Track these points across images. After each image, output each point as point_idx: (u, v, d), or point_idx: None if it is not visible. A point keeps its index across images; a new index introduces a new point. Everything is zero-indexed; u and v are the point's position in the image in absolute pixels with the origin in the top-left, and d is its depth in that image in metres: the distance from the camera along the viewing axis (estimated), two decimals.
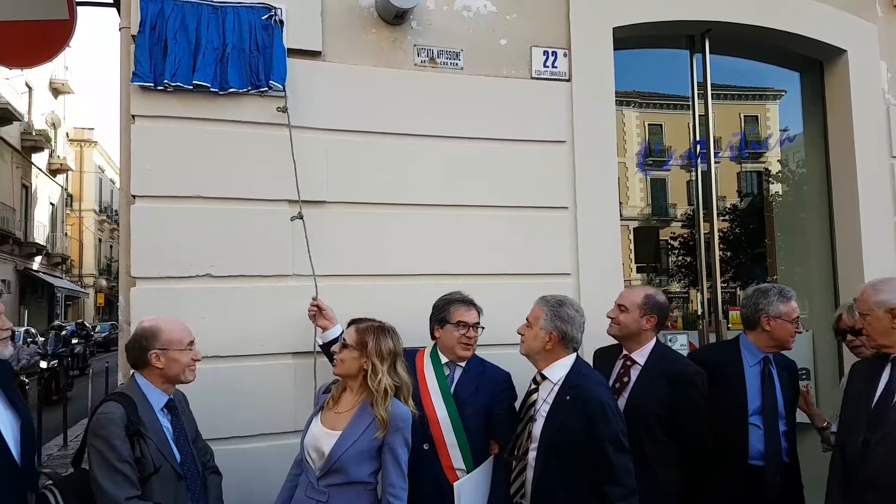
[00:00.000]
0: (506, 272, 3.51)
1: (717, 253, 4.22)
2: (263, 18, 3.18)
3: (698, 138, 4.31)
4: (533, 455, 2.55)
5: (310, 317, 3.02)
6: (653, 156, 5.01)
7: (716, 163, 4.37)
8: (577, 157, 3.68)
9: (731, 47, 4.36)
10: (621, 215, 3.81)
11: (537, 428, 2.56)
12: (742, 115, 5.05)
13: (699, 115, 4.30)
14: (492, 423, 2.87)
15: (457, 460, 2.79)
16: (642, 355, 2.91)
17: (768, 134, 5.03)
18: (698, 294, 4.27)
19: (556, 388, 2.55)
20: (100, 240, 39.58)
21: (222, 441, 2.98)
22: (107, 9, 4.17)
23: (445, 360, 2.94)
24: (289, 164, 3.11)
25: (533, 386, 2.68)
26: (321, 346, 3.02)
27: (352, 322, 2.60)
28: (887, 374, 2.48)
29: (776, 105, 5.01)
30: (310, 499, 2.39)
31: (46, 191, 30.41)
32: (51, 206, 31.26)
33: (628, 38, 3.93)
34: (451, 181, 3.49)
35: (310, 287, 3.08)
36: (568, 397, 2.50)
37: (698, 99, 4.29)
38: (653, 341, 2.94)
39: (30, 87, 27.03)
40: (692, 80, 4.29)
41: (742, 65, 4.60)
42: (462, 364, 2.94)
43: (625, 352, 2.98)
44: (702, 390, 2.81)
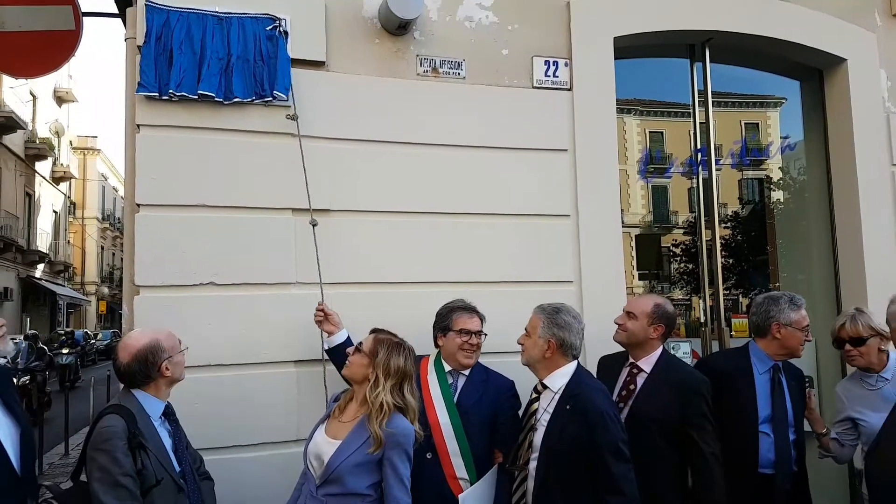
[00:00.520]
0: (508, 280, 3.52)
1: (719, 260, 4.23)
2: (268, 29, 3.21)
3: (699, 146, 4.32)
4: (534, 465, 2.54)
5: (316, 322, 3.01)
6: (654, 163, 5.01)
7: (717, 170, 4.38)
8: (578, 165, 3.70)
9: (731, 56, 4.38)
10: (623, 223, 3.82)
11: (538, 437, 2.55)
12: (743, 123, 5.05)
13: (700, 123, 4.32)
14: (496, 431, 2.85)
15: (459, 469, 2.77)
16: (648, 363, 2.91)
17: (769, 141, 5.03)
18: (700, 301, 4.28)
19: (557, 397, 2.55)
20: (102, 248, 39.61)
21: (224, 450, 2.98)
22: (111, 19, 4.19)
23: (449, 367, 2.94)
24: (293, 172, 3.14)
25: (534, 395, 2.68)
26: (327, 350, 3.01)
27: (374, 330, 2.61)
28: None
29: (777, 113, 5.02)
30: None
31: (49, 199, 30.50)
32: (54, 213, 31.34)
33: (629, 48, 3.96)
34: (454, 190, 3.50)
35: (312, 295, 3.08)
36: (568, 406, 2.50)
37: (699, 107, 4.31)
38: (659, 350, 2.94)
39: (34, 96, 27.17)
40: (693, 88, 4.31)
41: (742, 73, 4.61)
42: (465, 372, 2.93)
43: (631, 359, 2.97)
44: (708, 399, 2.80)
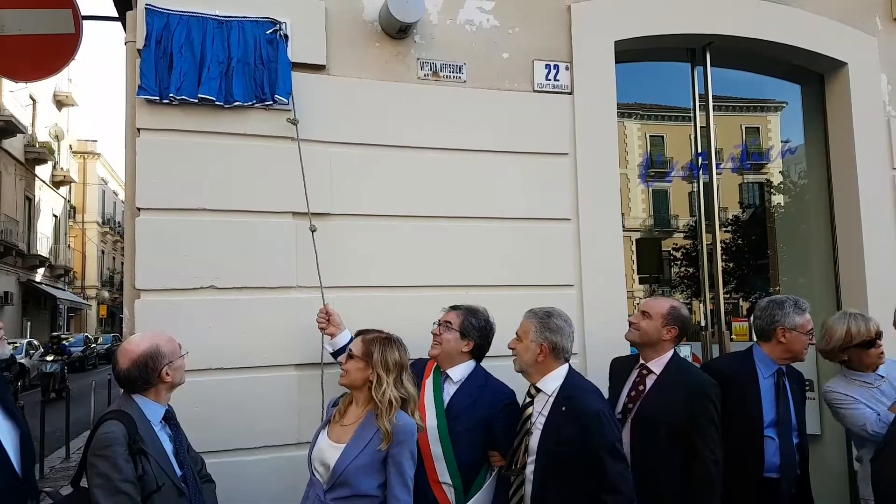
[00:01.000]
0: (509, 283, 3.51)
1: (720, 264, 4.22)
2: (268, 33, 3.21)
3: (700, 150, 4.33)
4: (531, 468, 2.54)
5: (320, 328, 2.99)
6: (655, 167, 5.02)
7: (717, 174, 4.38)
8: (579, 168, 3.71)
9: (732, 60, 4.39)
10: (623, 226, 3.83)
11: (534, 441, 2.55)
12: (743, 127, 5.06)
13: (701, 127, 4.32)
14: (493, 439, 2.77)
15: (442, 474, 2.71)
16: (658, 365, 2.90)
17: (770, 145, 5.04)
18: (701, 305, 4.27)
19: (551, 399, 2.56)
20: (102, 251, 39.61)
21: (225, 453, 2.98)
22: (111, 22, 4.20)
23: (443, 370, 2.89)
24: (293, 176, 3.14)
25: (528, 399, 2.67)
26: (332, 353, 3.00)
27: (359, 333, 2.60)
28: None
29: (777, 117, 5.03)
30: None
31: (49, 203, 30.51)
32: (54, 217, 31.34)
33: (630, 51, 3.96)
34: (455, 193, 3.50)
35: (313, 299, 3.08)
36: (563, 408, 2.50)
37: (700, 111, 4.32)
38: (670, 352, 2.92)
39: (34, 100, 27.20)
40: (693, 92, 4.31)
41: (743, 77, 4.62)
42: (453, 375, 2.85)
43: (641, 360, 2.96)
44: (716, 404, 2.79)
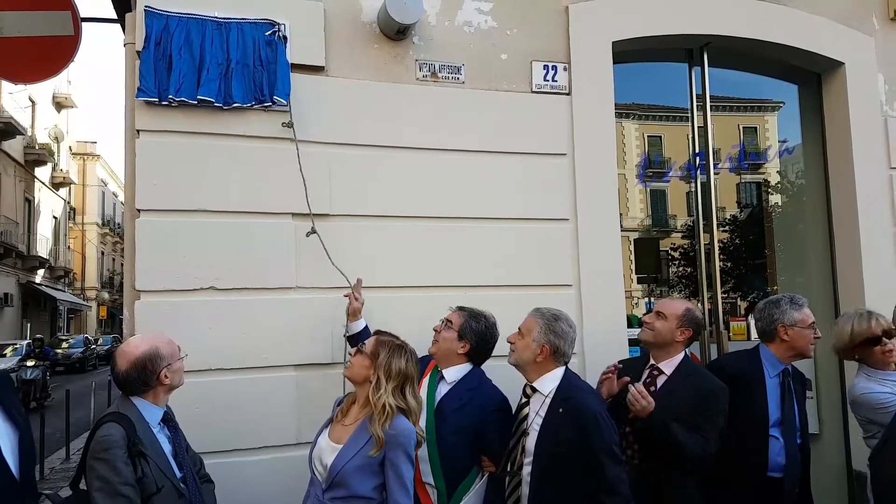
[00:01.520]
0: (507, 284, 3.52)
1: (718, 264, 4.24)
2: (267, 34, 3.22)
3: (698, 150, 4.33)
4: (528, 469, 2.51)
5: (350, 310, 3.03)
6: (653, 167, 5.04)
7: (715, 174, 4.39)
8: (577, 169, 3.71)
9: (729, 60, 4.40)
10: (621, 226, 3.83)
11: (531, 442, 2.52)
12: (741, 127, 5.08)
13: (698, 127, 4.33)
14: (483, 444, 2.73)
15: (426, 475, 2.69)
16: (669, 366, 2.89)
17: (767, 145, 5.05)
18: (699, 305, 4.29)
19: (548, 400, 2.52)
20: (102, 253, 39.60)
21: (225, 454, 2.99)
22: (110, 24, 4.20)
23: (440, 369, 2.88)
24: (292, 177, 3.15)
25: (524, 399, 2.63)
26: (348, 338, 3.04)
27: (376, 332, 2.62)
28: None
29: (775, 117, 5.04)
30: None
31: (49, 204, 30.49)
32: (53, 219, 31.33)
33: (627, 52, 3.97)
34: (453, 194, 3.51)
35: (313, 300, 3.13)
36: (561, 409, 2.47)
37: (697, 111, 4.32)
38: (682, 354, 2.91)
39: (33, 102, 27.19)
40: (691, 92, 4.32)
41: (740, 77, 4.63)
42: (447, 376, 2.83)
43: (652, 361, 2.95)
44: (724, 407, 2.78)
